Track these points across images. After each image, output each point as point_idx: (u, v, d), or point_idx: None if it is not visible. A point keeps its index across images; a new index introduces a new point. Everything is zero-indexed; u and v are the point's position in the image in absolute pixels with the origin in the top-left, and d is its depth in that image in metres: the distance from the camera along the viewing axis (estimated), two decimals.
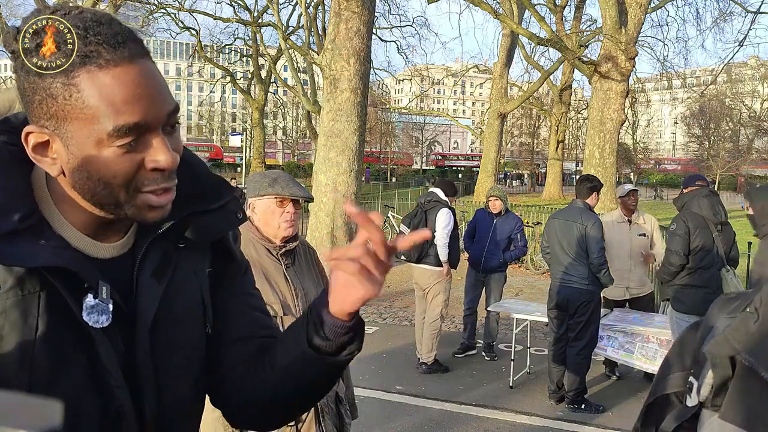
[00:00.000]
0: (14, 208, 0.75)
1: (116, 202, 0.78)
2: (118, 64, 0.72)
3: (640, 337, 4.84)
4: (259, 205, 2.07)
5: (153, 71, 0.76)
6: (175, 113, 0.79)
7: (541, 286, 9.26)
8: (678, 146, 68.52)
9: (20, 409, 0.42)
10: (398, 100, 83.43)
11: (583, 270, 4.57)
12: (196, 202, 0.90)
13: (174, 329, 0.88)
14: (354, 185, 10.07)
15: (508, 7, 21.01)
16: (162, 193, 0.79)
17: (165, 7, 25.75)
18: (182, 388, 0.91)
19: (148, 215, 0.80)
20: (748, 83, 52.17)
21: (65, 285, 0.75)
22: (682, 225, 4.30)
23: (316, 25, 19.83)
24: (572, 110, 38.31)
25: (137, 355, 0.83)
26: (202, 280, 0.94)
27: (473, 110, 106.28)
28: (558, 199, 29.06)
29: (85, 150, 0.74)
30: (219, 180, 0.96)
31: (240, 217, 0.95)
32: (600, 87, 14.12)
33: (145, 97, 0.74)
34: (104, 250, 0.84)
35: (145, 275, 0.85)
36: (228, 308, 0.99)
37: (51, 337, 0.75)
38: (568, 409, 4.65)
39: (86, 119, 0.72)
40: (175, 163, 0.78)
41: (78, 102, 0.71)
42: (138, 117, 0.73)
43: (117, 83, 0.72)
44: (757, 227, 2.01)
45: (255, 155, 39.67)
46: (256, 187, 2.06)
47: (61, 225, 0.80)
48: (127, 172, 0.76)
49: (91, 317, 0.77)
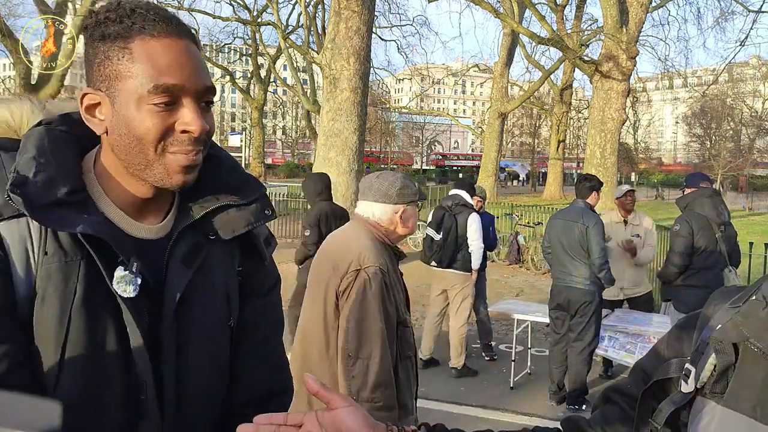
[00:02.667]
0: (63, 182, 0.85)
1: (146, 161, 0.87)
2: (167, 36, 0.85)
3: (641, 337, 4.83)
4: (408, 209, 2.13)
5: (195, 51, 0.89)
6: (210, 91, 0.90)
7: (542, 287, 9.25)
8: (679, 146, 68.54)
9: (20, 409, 0.42)
10: (398, 99, 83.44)
11: (584, 270, 4.56)
12: (228, 196, 0.98)
13: (198, 314, 0.95)
14: (354, 185, 10.07)
15: (509, 6, 20.99)
16: (190, 153, 0.87)
17: (164, 7, 25.73)
18: (203, 373, 0.96)
19: (174, 178, 0.88)
20: (749, 83, 52.13)
21: (101, 255, 0.84)
22: (686, 226, 4.29)
23: (315, 25, 19.84)
24: (573, 110, 38.31)
25: (161, 331, 0.90)
26: (230, 276, 1.01)
27: (474, 110, 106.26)
28: (559, 199, 29.06)
29: (128, 107, 0.85)
30: (249, 177, 1.04)
31: (269, 213, 1.02)
32: (601, 86, 14.12)
33: (185, 66, 0.86)
34: (141, 231, 0.93)
35: (176, 260, 0.93)
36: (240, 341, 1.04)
37: (87, 302, 0.84)
38: (569, 410, 4.64)
39: (133, 78, 0.84)
40: (203, 130, 0.87)
41: (129, 62, 0.84)
42: (175, 80, 0.85)
43: (163, 51, 0.85)
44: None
45: (254, 155, 39.72)
46: (408, 193, 2.12)
47: (105, 203, 0.90)
48: (158, 130, 0.85)
49: (120, 286, 0.85)
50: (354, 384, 1.84)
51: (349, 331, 1.88)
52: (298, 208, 15.87)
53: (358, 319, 1.88)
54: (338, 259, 1.98)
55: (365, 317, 1.88)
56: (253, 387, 1.06)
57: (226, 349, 1.01)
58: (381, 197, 2.09)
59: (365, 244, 2.00)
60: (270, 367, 1.09)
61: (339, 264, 1.96)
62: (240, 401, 1.04)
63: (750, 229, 17.31)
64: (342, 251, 2.00)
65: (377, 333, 1.87)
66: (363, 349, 1.85)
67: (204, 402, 0.97)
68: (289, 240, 13.74)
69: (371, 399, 1.82)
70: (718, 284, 4.34)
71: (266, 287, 1.10)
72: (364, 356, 1.85)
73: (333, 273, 1.97)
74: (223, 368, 1.01)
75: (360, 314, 1.88)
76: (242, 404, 1.05)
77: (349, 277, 1.92)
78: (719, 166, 37.71)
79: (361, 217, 2.13)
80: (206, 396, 0.98)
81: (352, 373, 1.85)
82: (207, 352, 0.96)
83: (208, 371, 0.97)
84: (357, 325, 1.87)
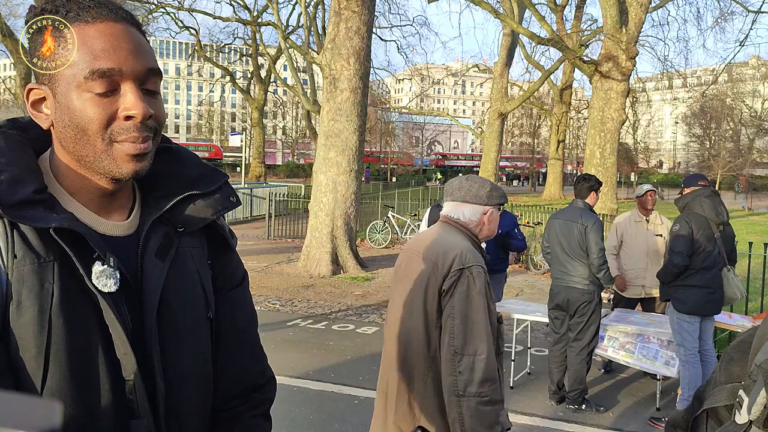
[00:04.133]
0: (28, 181, 0.84)
1: (94, 153, 0.85)
2: (102, 21, 0.84)
3: (641, 337, 4.84)
4: (494, 212, 2.20)
5: (134, 33, 0.87)
6: (154, 74, 0.88)
7: (542, 286, 9.26)
8: (679, 146, 68.47)
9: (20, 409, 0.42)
10: (398, 99, 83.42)
11: (583, 270, 4.56)
12: (192, 186, 0.98)
13: (178, 307, 0.95)
14: (354, 185, 10.07)
15: (509, 7, 20.99)
16: (137, 140, 0.86)
17: (164, 7, 25.71)
18: (189, 366, 0.96)
19: (124, 168, 0.86)
20: (749, 83, 52.15)
21: (76, 252, 0.82)
22: (685, 226, 4.30)
23: (315, 25, 19.82)
24: (573, 110, 38.26)
25: (145, 327, 0.89)
26: (203, 268, 1.01)
27: (473, 110, 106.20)
28: (558, 199, 29.06)
29: (68, 97, 0.84)
30: (210, 167, 1.04)
31: (234, 200, 1.03)
32: (601, 86, 14.12)
33: (122, 49, 0.84)
34: (110, 228, 0.92)
35: (149, 255, 0.92)
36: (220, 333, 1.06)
37: (65, 302, 0.82)
38: (568, 410, 4.64)
39: (70, 66, 0.83)
40: (145, 114, 0.85)
41: (65, 52, 0.83)
42: (111, 64, 0.83)
43: (98, 35, 0.83)
44: None
45: (254, 155, 39.70)
46: (496, 196, 2.19)
47: (68, 202, 0.89)
48: (100, 119, 0.84)
49: (100, 281, 0.84)
50: (461, 380, 1.88)
51: (455, 329, 1.92)
52: (298, 208, 15.88)
53: (464, 317, 1.92)
54: (438, 260, 2.02)
55: (471, 314, 1.92)
56: (238, 380, 1.07)
57: (209, 342, 1.01)
58: (471, 198, 2.16)
59: (464, 244, 2.06)
60: (251, 359, 1.10)
61: (440, 264, 2.01)
62: (226, 396, 1.06)
63: (750, 229, 17.32)
64: (440, 251, 2.04)
65: (483, 329, 1.92)
66: (469, 345, 1.90)
67: (194, 395, 0.98)
68: (289, 240, 13.75)
69: (479, 394, 1.86)
70: (718, 284, 4.35)
71: (237, 279, 1.10)
72: (471, 352, 1.89)
73: (433, 273, 2.01)
74: (208, 361, 1.01)
75: (466, 311, 1.93)
76: (229, 398, 1.06)
77: (453, 276, 1.97)
78: (719, 167, 37.68)
79: (451, 218, 2.19)
80: (195, 389, 0.98)
81: (459, 369, 1.89)
82: (191, 345, 0.96)
83: (194, 364, 0.97)
84: (463, 322, 1.92)
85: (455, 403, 1.87)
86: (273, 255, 11.55)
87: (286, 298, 8.10)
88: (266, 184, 24.78)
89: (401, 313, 2.11)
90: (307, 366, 5.34)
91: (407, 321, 2.07)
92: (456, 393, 1.87)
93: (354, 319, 7.12)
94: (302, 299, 8.04)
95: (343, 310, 7.50)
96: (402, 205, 15.46)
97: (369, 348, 5.92)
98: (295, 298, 8.07)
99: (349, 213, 10.07)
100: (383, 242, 13.11)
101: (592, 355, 4.79)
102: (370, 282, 9.36)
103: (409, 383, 2.03)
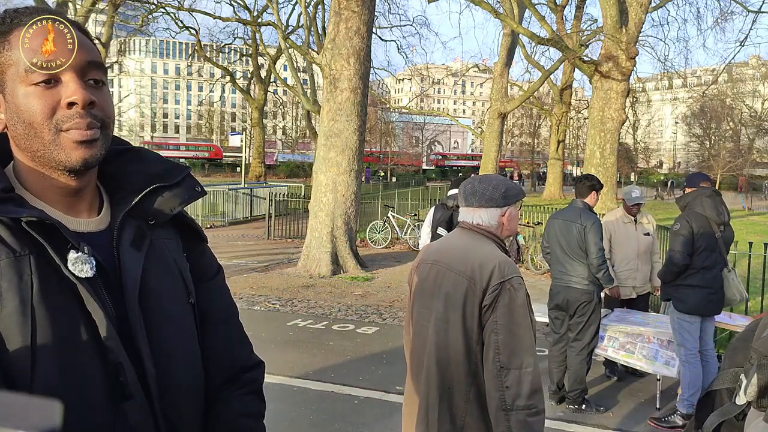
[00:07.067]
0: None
1: (44, 145, 0.88)
2: (40, 21, 0.88)
3: (640, 337, 4.84)
4: (512, 210, 2.15)
5: (74, 32, 0.90)
6: (96, 67, 0.92)
7: (542, 286, 9.26)
8: (679, 146, 68.48)
9: (20, 409, 0.42)
10: (398, 99, 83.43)
11: (582, 270, 4.56)
12: (156, 180, 1.02)
13: (159, 293, 0.97)
14: (354, 185, 10.07)
15: (509, 7, 20.97)
16: (82, 127, 0.88)
17: (164, 7, 25.71)
18: (177, 348, 0.99)
19: (73, 155, 0.89)
20: (749, 83, 52.15)
21: (50, 243, 0.85)
22: (686, 225, 4.30)
23: (315, 25, 19.82)
24: (573, 110, 38.25)
25: (128, 312, 0.91)
26: (179, 257, 1.05)
27: (473, 110, 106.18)
28: (558, 199, 29.06)
29: (15, 94, 0.88)
30: (172, 162, 1.09)
31: (199, 190, 1.07)
32: (601, 86, 14.12)
33: (59, 43, 0.88)
34: (81, 225, 0.94)
35: (125, 245, 0.96)
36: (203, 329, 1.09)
37: (45, 291, 0.84)
38: (568, 410, 4.64)
39: (13, 65, 0.88)
40: (86, 99, 0.89)
41: (8, 52, 0.88)
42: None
43: (36, 33, 0.88)
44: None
45: (255, 155, 39.70)
46: (512, 194, 2.14)
47: (36, 203, 0.92)
48: (44, 109, 0.87)
49: (76, 267, 0.86)
50: (509, 394, 1.84)
51: (500, 344, 1.88)
52: (298, 208, 15.87)
53: (509, 330, 1.88)
54: (474, 274, 1.96)
55: (514, 328, 1.88)
56: (227, 367, 1.11)
57: (194, 326, 1.04)
58: (487, 202, 2.10)
59: (498, 254, 2.01)
60: (238, 342, 1.15)
61: (477, 278, 1.95)
62: (217, 379, 1.09)
63: (750, 229, 17.30)
64: (476, 265, 1.98)
65: (527, 342, 1.88)
66: (515, 359, 1.86)
67: (185, 376, 1.00)
68: (289, 240, 13.75)
69: (528, 406, 1.84)
70: (718, 285, 4.35)
71: (213, 270, 1.15)
72: (517, 366, 1.85)
73: (471, 288, 1.95)
74: (195, 342, 1.04)
75: (509, 326, 1.88)
76: (221, 381, 1.09)
77: (494, 291, 1.91)
78: (719, 166, 37.67)
79: (471, 224, 2.12)
80: (186, 370, 1.00)
81: (506, 384, 1.85)
82: (176, 329, 0.99)
83: (182, 346, 1.00)
84: (507, 336, 1.88)
85: (503, 417, 1.84)
86: (273, 255, 11.55)
87: (286, 298, 8.10)
88: (266, 184, 24.78)
89: (435, 328, 2.04)
90: (307, 366, 5.34)
91: (443, 337, 2.01)
92: (504, 408, 1.84)
93: (354, 319, 7.12)
94: (302, 299, 8.04)
95: (343, 310, 7.50)
96: (402, 205, 15.45)
97: (369, 348, 5.92)
98: (295, 298, 8.07)
99: (349, 213, 10.07)
100: (383, 242, 13.12)
101: (592, 355, 4.80)
102: (370, 282, 9.36)
103: (450, 401, 1.98)
